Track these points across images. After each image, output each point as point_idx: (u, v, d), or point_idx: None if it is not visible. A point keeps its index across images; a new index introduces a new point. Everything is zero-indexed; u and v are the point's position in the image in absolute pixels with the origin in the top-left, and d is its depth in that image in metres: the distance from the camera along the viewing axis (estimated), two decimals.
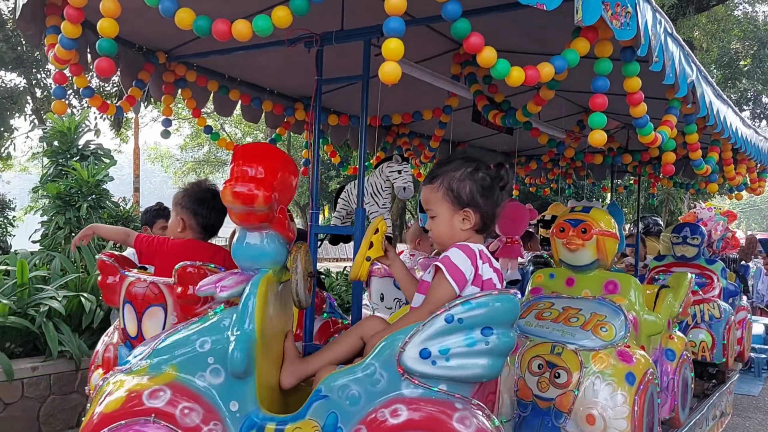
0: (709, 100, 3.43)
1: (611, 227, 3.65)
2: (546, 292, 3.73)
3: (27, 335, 4.94)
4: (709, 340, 5.55)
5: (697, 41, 16.33)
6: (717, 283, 5.81)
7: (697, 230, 6.05)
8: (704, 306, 5.64)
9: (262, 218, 2.15)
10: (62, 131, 7.60)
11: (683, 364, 4.09)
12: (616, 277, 3.63)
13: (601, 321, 3.33)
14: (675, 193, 20.37)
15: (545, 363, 3.22)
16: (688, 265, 5.90)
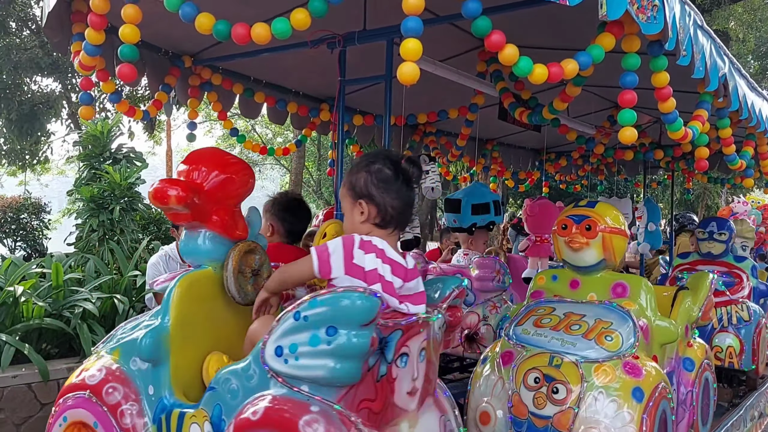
0: (742, 93, 3.33)
1: (619, 223, 3.31)
2: (548, 295, 3.37)
3: (62, 336, 5.03)
4: (737, 344, 5.07)
5: (732, 32, 15.92)
6: (746, 283, 5.29)
7: (725, 225, 5.52)
8: (731, 308, 5.18)
9: (189, 217, 2.26)
10: (95, 135, 7.75)
11: (704, 374, 3.70)
12: (626, 279, 3.30)
13: (607, 329, 2.96)
14: (712, 188, 19.91)
15: (542, 376, 2.83)
16: (715, 263, 5.45)
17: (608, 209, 3.33)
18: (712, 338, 5.07)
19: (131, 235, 7.19)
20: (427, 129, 5.94)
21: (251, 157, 31.00)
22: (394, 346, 1.94)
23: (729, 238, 5.47)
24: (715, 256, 5.51)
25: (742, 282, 5.29)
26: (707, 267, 5.25)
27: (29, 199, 12.34)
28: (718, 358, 5.00)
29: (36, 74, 13.91)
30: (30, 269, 5.52)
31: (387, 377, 1.93)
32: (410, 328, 2.00)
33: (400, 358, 1.97)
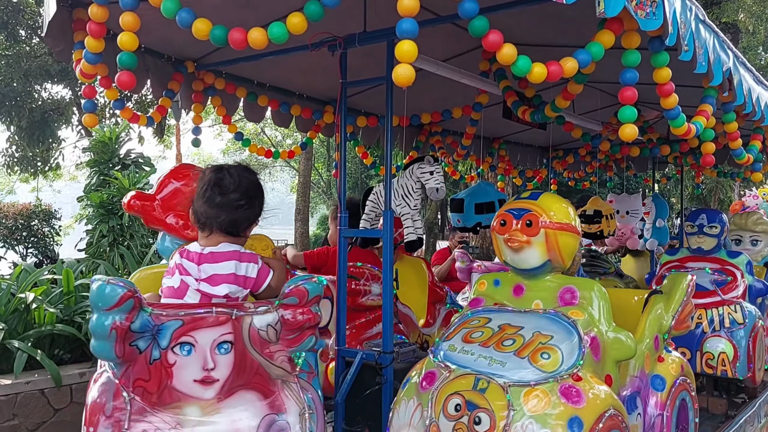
0: (747, 87, 3.29)
1: (567, 218, 2.79)
2: (487, 303, 2.88)
3: (74, 342, 5.08)
4: (731, 350, 4.50)
5: (742, 24, 15.75)
6: (741, 281, 4.77)
7: (716, 217, 5.00)
8: (724, 309, 4.66)
9: (146, 221, 2.92)
10: (104, 141, 7.80)
11: (679, 393, 3.12)
12: (576, 284, 2.76)
13: (545, 344, 2.50)
14: (724, 182, 19.75)
15: (464, 403, 2.36)
16: (706, 259, 4.96)
17: (554, 201, 2.86)
18: (703, 344, 4.60)
19: (141, 240, 7.23)
20: (432, 129, 5.92)
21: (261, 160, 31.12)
22: (170, 335, 2.09)
23: (721, 231, 4.99)
24: (706, 251, 5.01)
25: (736, 280, 4.78)
26: (698, 264, 4.95)
27: (40, 206, 12.45)
28: (709, 365, 4.55)
29: (46, 81, 14.03)
30: (41, 276, 5.58)
31: (162, 362, 2.08)
32: (194, 321, 2.13)
33: (179, 346, 2.11)
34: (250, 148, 4.94)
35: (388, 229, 3.14)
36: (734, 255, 4.98)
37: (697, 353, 4.59)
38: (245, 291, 2.36)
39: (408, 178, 3.94)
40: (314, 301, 2.31)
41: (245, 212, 2.38)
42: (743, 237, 5.85)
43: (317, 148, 24.86)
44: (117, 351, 2.01)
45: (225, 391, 2.13)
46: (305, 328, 2.29)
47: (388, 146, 3.23)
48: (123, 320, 1.99)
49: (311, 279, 2.33)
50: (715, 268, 4.85)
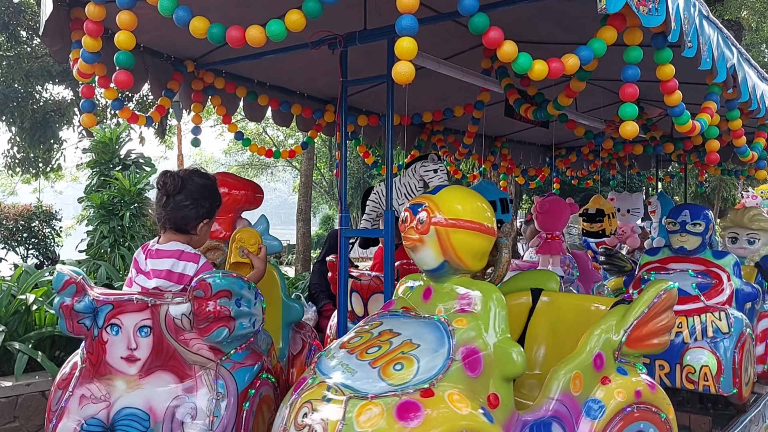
0: (752, 84, 3.26)
1: (464, 214, 2.46)
2: (396, 307, 2.65)
3: (75, 343, 5.03)
4: (714, 363, 3.97)
5: (745, 21, 15.69)
6: (727, 284, 4.24)
7: (700, 213, 4.46)
8: (707, 317, 4.13)
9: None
10: (104, 142, 7.79)
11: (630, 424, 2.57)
12: (474, 288, 2.45)
13: (406, 353, 2.25)
14: (728, 180, 19.69)
15: (311, 412, 2.18)
16: (689, 260, 4.43)
17: (453, 196, 2.54)
18: (683, 355, 4.08)
19: (142, 241, 7.19)
20: (434, 127, 5.90)
21: (263, 160, 31.12)
22: (104, 317, 2.45)
23: (706, 229, 4.44)
24: (689, 251, 4.45)
25: (722, 283, 4.25)
26: (680, 265, 4.45)
27: (40, 207, 12.44)
28: (690, 380, 4.05)
29: (47, 82, 14.01)
30: (42, 277, 5.55)
31: (99, 339, 2.45)
32: (120, 305, 2.45)
33: (110, 327, 2.44)
34: (250, 147, 4.93)
35: (390, 229, 3.12)
36: (720, 255, 4.45)
37: (677, 366, 4.10)
38: (178, 287, 2.58)
39: (411, 177, 3.92)
40: (220, 295, 2.40)
41: (189, 211, 2.64)
42: (739, 235, 5.31)
43: (319, 147, 24.83)
44: (67, 326, 2.44)
45: (145, 369, 2.42)
46: (211, 320, 2.40)
47: (389, 145, 3.20)
48: (68, 301, 2.41)
49: (218, 274, 2.45)
50: (698, 270, 4.36)
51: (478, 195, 2.62)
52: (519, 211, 15.31)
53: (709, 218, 4.46)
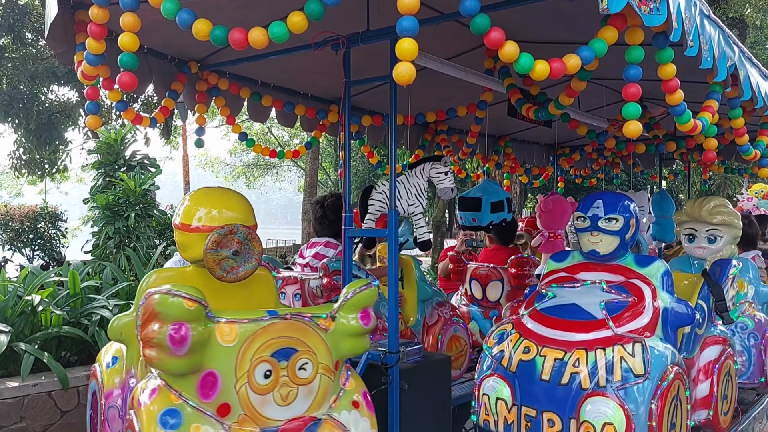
0: (755, 82, 3.26)
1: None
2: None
3: (81, 344, 5.08)
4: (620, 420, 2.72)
5: (749, 19, 15.64)
6: (650, 303, 3.06)
7: (618, 205, 3.29)
8: (615, 351, 2.87)
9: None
10: (109, 143, 7.82)
11: None
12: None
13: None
14: (732, 178, 19.63)
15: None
16: (605, 268, 3.31)
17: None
18: (580, 407, 2.81)
19: (147, 242, 7.24)
20: (438, 127, 5.91)
21: (268, 160, 31.19)
22: (279, 285, 3.65)
23: (625, 226, 3.27)
24: (604, 256, 3.30)
25: (642, 302, 3.07)
26: (592, 275, 3.31)
27: (46, 208, 12.49)
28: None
29: (53, 83, 14.08)
30: (48, 278, 5.58)
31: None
32: (285, 280, 3.90)
33: (280, 294, 3.72)
34: (254, 148, 4.94)
35: (393, 229, 3.13)
36: (645, 262, 3.28)
37: (572, 422, 2.84)
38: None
39: (419, 178, 3.93)
40: (335, 273, 3.69)
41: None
42: (697, 231, 4.25)
43: (324, 147, 24.85)
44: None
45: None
46: (330, 290, 3.70)
47: (393, 145, 3.22)
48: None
49: (334, 259, 3.87)
50: (615, 283, 3.21)
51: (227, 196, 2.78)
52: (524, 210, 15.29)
53: (631, 211, 3.31)
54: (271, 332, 2.25)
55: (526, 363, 3.00)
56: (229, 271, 2.66)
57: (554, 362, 2.93)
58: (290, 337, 2.28)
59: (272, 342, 2.24)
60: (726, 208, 4.21)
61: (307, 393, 2.28)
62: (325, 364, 2.33)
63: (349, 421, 2.35)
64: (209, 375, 2.17)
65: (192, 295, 2.11)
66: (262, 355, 2.21)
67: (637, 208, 3.37)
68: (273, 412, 2.22)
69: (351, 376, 2.49)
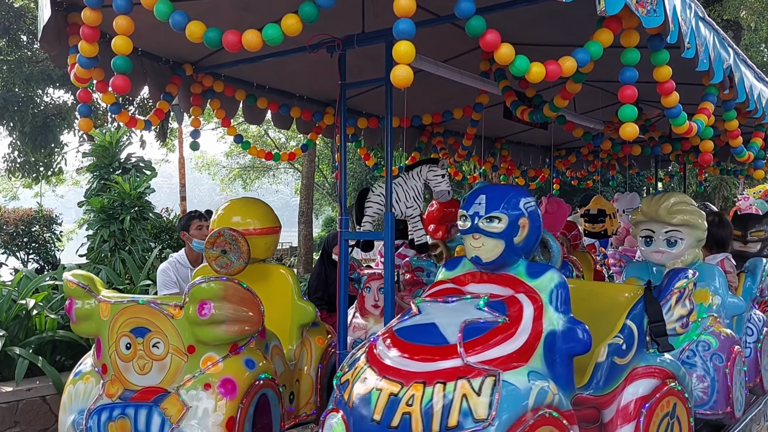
0: (749, 85, 3.27)
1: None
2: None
3: (76, 348, 5.06)
4: None
5: (744, 21, 15.69)
6: (528, 323, 2.38)
7: (501, 200, 2.60)
8: (458, 387, 2.14)
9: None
10: (104, 146, 7.78)
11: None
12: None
13: None
14: (728, 179, 19.67)
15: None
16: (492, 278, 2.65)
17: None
18: None
19: (142, 245, 7.21)
20: (434, 129, 5.91)
21: (264, 163, 31.12)
22: (363, 281, 4.35)
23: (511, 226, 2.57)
24: (489, 264, 2.62)
25: (517, 322, 2.37)
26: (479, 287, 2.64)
27: (41, 212, 12.45)
28: None
29: (48, 86, 14.03)
30: (42, 282, 5.56)
31: (362, 294, 4.39)
32: (370, 276, 4.35)
33: (366, 288, 4.35)
34: (250, 150, 4.93)
35: (390, 231, 3.13)
36: (536, 272, 2.58)
37: None
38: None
39: (417, 180, 3.92)
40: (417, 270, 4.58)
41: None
42: (655, 233, 3.69)
43: (321, 149, 24.82)
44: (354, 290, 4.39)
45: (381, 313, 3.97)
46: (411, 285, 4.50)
47: (389, 148, 3.21)
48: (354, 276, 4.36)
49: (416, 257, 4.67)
50: (500, 297, 2.51)
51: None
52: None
53: (520, 208, 2.59)
54: (130, 312, 2.73)
55: (361, 398, 2.25)
56: (224, 267, 3.37)
57: (388, 398, 2.19)
58: (145, 318, 2.71)
59: (131, 320, 2.72)
60: (688, 205, 3.69)
61: (160, 368, 2.68)
62: (176, 346, 2.68)
63: (193, 399, 2.64)
64: (98, 341, 2.86)
65: (75, 279, 2.89)
66: (123, 330, 2.73)
67: (534, 204, 2.67)
68: (133, 378, 2.72)
69: (223, 363, 2.73)
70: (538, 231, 2.67)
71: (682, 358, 3.48)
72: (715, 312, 3.65)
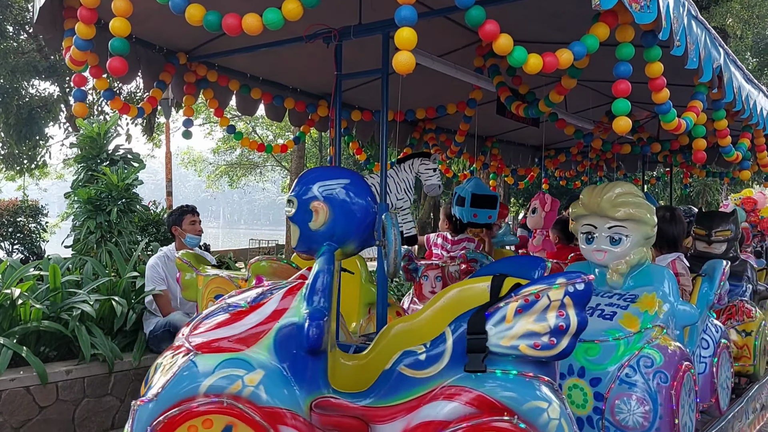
0: (737, 85, 3.32)
1: None
2: None
3: (61, 339, 5.01)
4: None
5: (730, 28, 15.93)
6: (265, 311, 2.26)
7: (298, 182, 2.42)
8: (164, 360, 2.26)
9: None
10: (92, 137, 7.71)
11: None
12: None
13: None
14: (712, 184, 19.93)
15: None
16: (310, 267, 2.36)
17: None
18: None
19: (129, 237, 7.14)
20: (426, 126, 5.94)
21: (252, 159, 31.05)
22: (420, 271, 4.86)
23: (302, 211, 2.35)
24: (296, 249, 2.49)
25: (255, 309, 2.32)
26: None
27: (26, 202, 12.31)
28: None
29: (34, 78, 13.91)
30: (27, 272, 5.49)
31: (418, 283, 4.91)
32: (427, 266, 4.88)
33: (423, 277, 4.86)
34: (242, 141, 4.93)
35: None
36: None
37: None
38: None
39: (408, 172, 3.96)
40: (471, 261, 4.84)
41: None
42: (597, 228, 3.21)
43: (309, 147, 24.82)
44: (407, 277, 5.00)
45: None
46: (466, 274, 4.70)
47: (384, 139, 3.23)
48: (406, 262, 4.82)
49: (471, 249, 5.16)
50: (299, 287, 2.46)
51: None
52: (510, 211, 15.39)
53: (311, 193, 2.34)
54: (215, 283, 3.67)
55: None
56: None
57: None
58: (222, 288, 3.52)
59: (215, 289, 3.63)
60: (634, 197, 3.15)
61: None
62: None
63: None
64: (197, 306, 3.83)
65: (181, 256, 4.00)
66: (210, 296, 3.58)
67: (340, 188, 2.35)
68: None
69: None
70: (354, 217, 2.37)
71: (620, 376, 2.87)
72: (662, 321, 3.06)
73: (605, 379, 2.90)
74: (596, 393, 2.92)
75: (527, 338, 2.10)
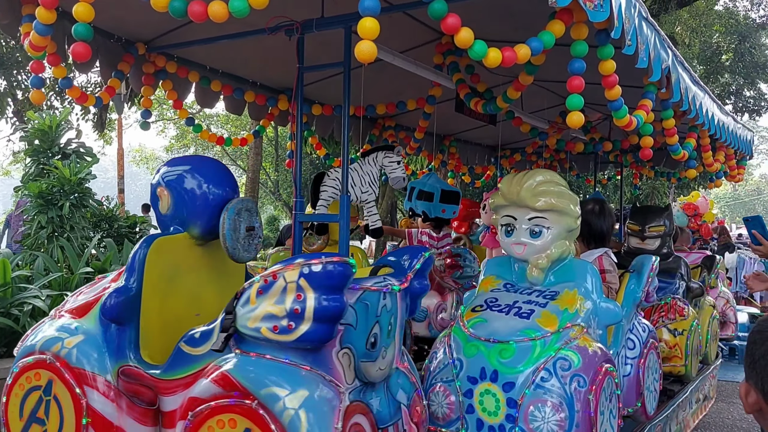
0: (684, 86, 3.47)
1: None
2: None
3: (11, 335, 4.90)
4: None
5: (678, 36, 16.48)
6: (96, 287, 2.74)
7: (159, 169, 2.71)
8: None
9: None
10: (43, 130, 7.53)
11: None
12: None
13: None
14: (660, 187, 20.55)
15: None
16: None
17: None
18: None
19: (82, 232, 7.01)
20: (386, 123, 6.00)
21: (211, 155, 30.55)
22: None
23: (154, 195, 2.65)
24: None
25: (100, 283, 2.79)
26: None
27: None
28: None
29: None
30: None
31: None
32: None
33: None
34: (201, 134, 4.89)
35: (345, 214, 3.18)
36: None
37: None
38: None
39: (372, 166, 3.99)
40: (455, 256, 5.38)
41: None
42: (517, 220, 3.02)
43: (265, 146, 24.62)
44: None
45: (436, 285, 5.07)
46: (450, 268, 5.25)
47: (345, 132, 3.26)
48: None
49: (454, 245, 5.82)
50: None
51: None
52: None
53: (156, 180, 2.64)
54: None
55: None
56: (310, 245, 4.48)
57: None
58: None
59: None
60: (556, 186, 2.96)
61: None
62: None
63: None
64: None
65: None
66: None
67: (179, 175, 2.56)
68: None
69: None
70: (194, 202, 2.54)
71: (536, 380, 2.64)
72: (582, 320, 2.83)
73: (519, 383, 2.66)
74: (509, 399, 2.65)
75: (267, 321, 2.05)
